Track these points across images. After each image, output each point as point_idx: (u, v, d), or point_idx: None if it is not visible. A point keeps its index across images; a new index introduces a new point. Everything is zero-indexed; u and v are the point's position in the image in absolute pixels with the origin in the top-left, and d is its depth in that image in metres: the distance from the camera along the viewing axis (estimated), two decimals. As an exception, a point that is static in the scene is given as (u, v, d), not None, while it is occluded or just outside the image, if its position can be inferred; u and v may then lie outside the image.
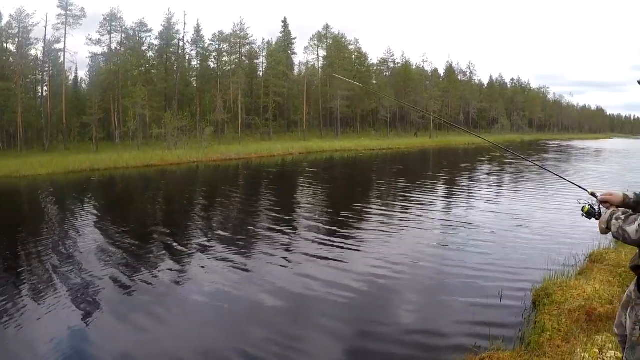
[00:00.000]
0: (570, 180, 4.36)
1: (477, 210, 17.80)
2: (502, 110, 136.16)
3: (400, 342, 6.97)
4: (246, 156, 43.43)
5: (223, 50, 77.53)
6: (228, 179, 29.07)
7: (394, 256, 11.20)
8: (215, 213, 17.04)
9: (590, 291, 7.74)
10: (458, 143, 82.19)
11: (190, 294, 8.94)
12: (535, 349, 5.87)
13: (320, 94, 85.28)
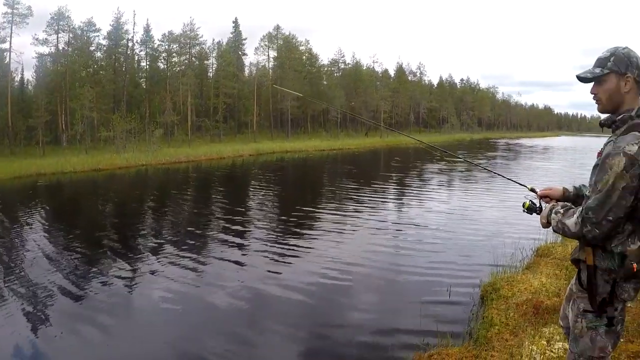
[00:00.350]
0: (509, 177, 4.44)
1: (426, 209, 18.04)
2: (452, 110, 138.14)
3: (352, 343, 7.00)
4: (195, 159, 43.08)
5: (173, 51, 76.55)
6: (177, 183, 28.69)
7: (345, 257, 11.28)
8: (166, 217, 16.91)
9: (537, 285, 7.91)
10: (408, 142, 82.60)
11: (142, 300, 8.83)
12: (484, 344, 5.94)
13: (271, 95, 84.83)
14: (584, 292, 3.00)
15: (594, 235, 2.77)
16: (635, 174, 2.65)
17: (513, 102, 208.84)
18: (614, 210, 2.70)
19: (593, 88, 3.01)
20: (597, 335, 2.96)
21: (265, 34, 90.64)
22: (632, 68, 2.85)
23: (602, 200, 2.72)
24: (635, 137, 2.71)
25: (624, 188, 2.67)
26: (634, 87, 2.88)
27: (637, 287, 2.93)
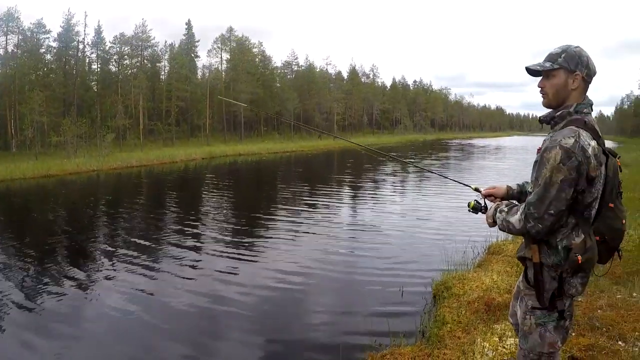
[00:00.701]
0: (452, 178, 4.70)
1: (379, 211, 18.15)
2: (405, 111, 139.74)
3: (306, 345, 7.03)
4: (148, 163, 42.46)
5: (124, 53, 75.49)
6: (130, 188, 28.41)
7: (299, 260, 11.32)
8: (118, 224, 16.60)
9: (489, 282, 7.98)
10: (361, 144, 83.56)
11: (97, 308, 8.62)
12: (436, 342, 5.97)
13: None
14: (532, 289, 3.06)
15: (538, 230, 2.83)
16: (572, 166, 2.71)
17: (466, 103, 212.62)
18: (554, 204, 2.76)
19: (541, 82, 3.08)
20: (546, 332, 3.04)
21: (218, 36, 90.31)
22: (581, 67, 2.92)
23: (542, 194, 2.79)
24: (572, 131, 2.79)
25: (562, 181, 2.73)
26: (581, 85, 2.96)
27: (584, 282, 3.01)
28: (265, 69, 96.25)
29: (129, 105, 70.03)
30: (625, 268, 8.26)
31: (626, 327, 5.74)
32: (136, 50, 76.48)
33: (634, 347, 5.20)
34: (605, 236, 2.93)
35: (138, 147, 61.22)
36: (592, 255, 2.85)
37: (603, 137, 3.04)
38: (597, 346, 5.22)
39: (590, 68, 2.95)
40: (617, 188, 2.97)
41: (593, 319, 6.00)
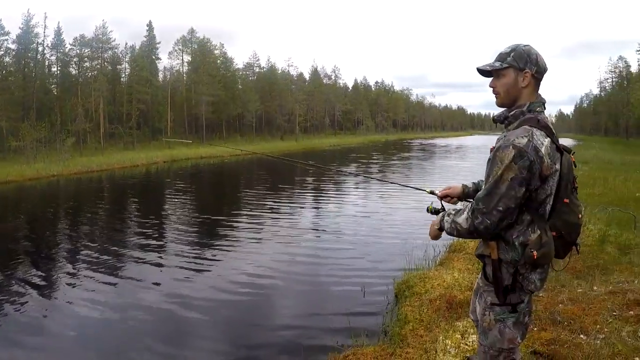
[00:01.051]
0: (406, 184, 4.82)
1: (341, 213, 18.27)
2: (367, 112, 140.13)
3: (268, 348, 7.05)
4: (109, 167, 41.98)
5: (84, 56, 73.93)
6: (90, 193, 27.94)
7: (262, 263, 11.34)
8: (80, 230, 16.22)
9: (450, 280, 7.98)
10: (323, 145, 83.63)
11: (60, 318, 8.42)
12: (399, 341, 5.94)
13: (185, 100, 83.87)
14: (490, 285, 3.05)
15: (486, 225, 2.81)
16: (524, 165, 2.70)
17: (427, 104, 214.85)
18: (503, 200, 2.75)
19: (492, 82, 3.09)
20: (506, 327, 3.02)
21: (180, 38, 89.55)
22: (530, 64, 2.93)
23: (491, 190, 2.78)
24: (526, 131, 2.78)
25: (513, 179, 2.72)
26: (532, 83, 2.97)
27: (543, 278, 3.00)
28: (226, 70, 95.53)
29: (89, 109, 68.72)
30: (586, 262, 8.43)
31: (587, 320, 5.80)
32: (96, 53, 75.05)
33: (595, 340, 5.24)
34: (562, 231, 2.93)
35: (99, 151, 60.27)
36: (548, 251, 2.85)
37: (563, 135, 3.11)
38: (559, 340, 5.26)
39: (540, 65, 2.98)
40: (572, 183, 2.99)
41: (555, 313, 6.04)
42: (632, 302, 6.25)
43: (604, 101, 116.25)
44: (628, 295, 6.47)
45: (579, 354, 4.93)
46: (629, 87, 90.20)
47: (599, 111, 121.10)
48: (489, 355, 3.14)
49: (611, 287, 7.01)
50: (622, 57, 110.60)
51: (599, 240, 9.86)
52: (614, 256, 8.92)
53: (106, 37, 75.71)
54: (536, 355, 5.04)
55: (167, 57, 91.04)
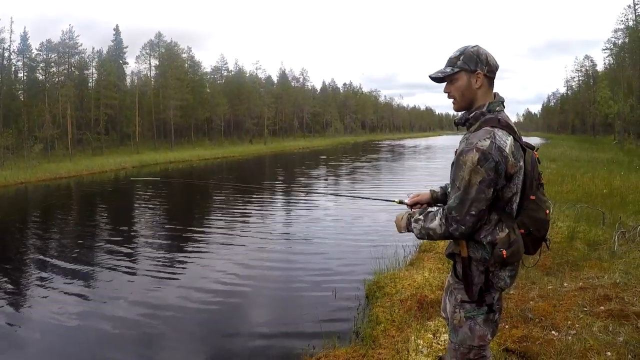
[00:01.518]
0: (375, 197, 4.93)
1: (311, 216, 18.26)
2: (336, 114, 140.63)
3: (241, 353, 6.99)
4: (77, 174, 41.37)
5: (51, 61, 72.71)
6: (60, 200, 27.54)
7: (233, 267, 11.29)
8: (50, 238, 15.98)
9: (421, 280, 7.98)
10: (292, 148, 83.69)
11: (32, 327, 8.23)
12: (370, 342, 5.94)
13: (153, 105, 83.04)
14: (461, 283, 3.05)
15: (461, 232, 2.82)
16: (490, 167, 2.70)
17: (395, 105, 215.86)
18: (475, 205, 2.75)
19: (446, 87, 3.08)
20: (476, 325, 3.02)
21: (147, 42, 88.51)
22: (481, 65, 2.93)
23: (462, 197, 2.77)
24: (487, 132, 2.78)
25: (481, 182, 2.72)
26: (485, 82, 2.96)
27: (513, 275, 3.01)
28: (194, 74, 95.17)
29: (57, 115, 67.85)
30: (556, 259, 8.50)
31: (558, 316, 5.84)
32: (63, 58, 73.94)
33: (567, 336, 5.27)
34: (530, 228, 2.93)
35: (67, 157, 59.02)
36: (517, 249, 2.85)
37: (531, 134, 3.16)
38: (530, 337, 5.29)
39: (491, 64, 2.97)
40: (537, 180, 2.99)
41: (526, 310, 6.08)
42: (602, 298, 6.31)
43: (570, 100, 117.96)
44: (598, 291, 6.53)
45: (551, 350, 4.97)
46: (595, 85, 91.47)
47: (566, 110, 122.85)
48: (459, 352, 3.15)
49: (581, 283, 7.08)
50: (588, 56, 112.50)
51: (568, 237, 9.96)
52: (583, 252, 9.02)
53: (73, 41, 74.87)
54: (508, 353, 5.06)
55: (135, 62, 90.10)
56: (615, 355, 4.79)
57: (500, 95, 3.07)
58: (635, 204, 13.65)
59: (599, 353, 4.87)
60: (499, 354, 5.01)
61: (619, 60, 76.39)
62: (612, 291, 6.52)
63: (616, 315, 5.75)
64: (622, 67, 74.41)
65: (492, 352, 4.71)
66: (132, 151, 69.98)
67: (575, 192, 16.30)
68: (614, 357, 4.76)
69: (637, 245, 8.99)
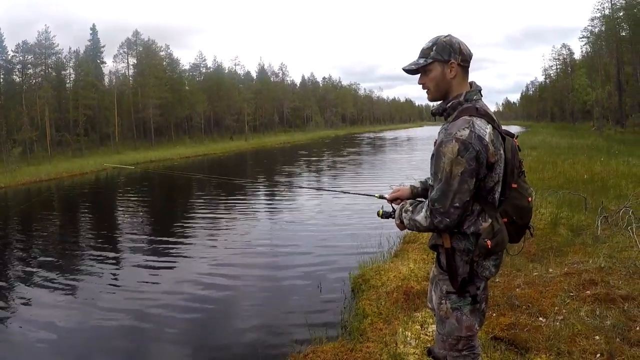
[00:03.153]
0: (355, 192, 4.91)
1: (295, 210, 18.36)
2: (316, 108, 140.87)
3: (227, 355, 6.95)
4: (57, 176, 40.74)
5: (28, 62, 71.89)
6: (40, 204, 26.53)
7: (218, 265, 11.22)
8: (31, 243, 15.57)
9: (406, 271, 7.96)
10: (273, 143, 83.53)
11: (15, 335, 8.05)
12: (358, 336, 5.90)
13: (132, 104, 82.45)
14: (445, 274, 3.03)
15: (446, 224, 2.80)
16: (471, 156, 2.67)
17: (375, 97, 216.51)
18: (458, 196, 2.72)
19: (420, 79, 3.05)
20: (463, 315, 3.01)
21: (124, 41, 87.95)
22: (454, 54, 2.90)
23: (444, 188, 2.74)
24: (465, 122, 2.75)
25: (463, 173, 2.69)
26: (459, 72, 2.94)
27: (497, 264, 3.00)
28: (173, 72, 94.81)
29: (35, 117, 67.21)
30: (540, 245, 8.54)
31: (545, 302, 5.85)
32: (40, 59, 73.11)
33: (554, 322, 5.28)
34: (513, 216, 2.94)
35: (47, 159, 58.65)
36: (501, 238, 2.85)
37: (511, 122, 3.12)
38: (518, 324, 5.31)
39: (464, 53, 2.94)
40: (518, 168, 2.99)
41: (512, 298, 6.09)
42: (587, 282, 6.34)
43: (549, 88, 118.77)
44: (583, 276, 6.56)
45: (540, 337, 4.99)
46: (572, 73, 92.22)
47: (545, 98, 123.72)
48: (448, 343, 3.14)
49: (566, 269, 7.11)
50: (565, 44, 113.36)
51: (552, 223, 10.00)
52: (567, 238, 9.07)
53: (49, 42, 74.16)
54: (497, 341, 5.06)
55: (112, 61, 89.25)
56: (603, 339, 4.80)
57: (478, 84, 3.06)
58: (616, 189, 13.74)
59: (587, 337, 4.88)
60: (487, 342, 5.01)
61: (596, 48, 77.33)
62: (598, 275, 6.54)
63: (602, 299, 5.77)
64: (599, 55, 75.34)
65: (480, 340, 4.71)
66: (113, 152, 69.49)
67: (557, 178, 16.37)
68: (602, 340, 4.78)
69: (620, 229, 9.02)
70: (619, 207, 10.08)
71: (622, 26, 66.53)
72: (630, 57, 67.48)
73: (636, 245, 7.80)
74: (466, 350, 3.17)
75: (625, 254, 7.58)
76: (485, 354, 4.76)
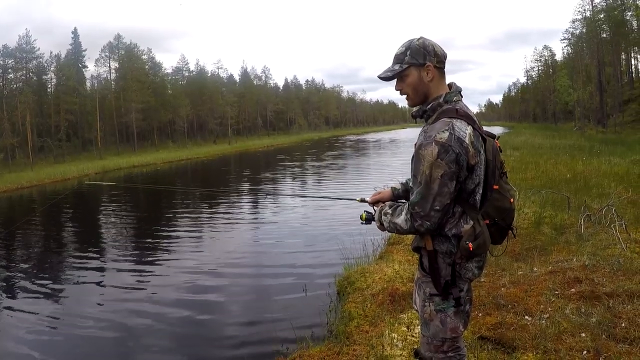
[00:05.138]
0: (336, 197, 5.02)
1: (278, 213, 18.49)
2: (299, 111, 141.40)
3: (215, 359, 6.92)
4: (39, 183, 40.42)
5: (8, 67, 70.86)
6: (22, 211, 26.95)
7: (202, 269, 11.24)
8: (14, 252, 15.36)
9: (391, 273, 7.97)
10: (257, 146, 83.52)
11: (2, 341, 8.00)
12: (344, 339, 5.89)
13: (114, 108, 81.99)
14: (428, 276, 3.02)
15: (426, 227, 2.79)
16: (451, 159, 2.66)
17: (358, 100, 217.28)
18: (438, 199, 2.72)
19: (397, 85, 3.04)
20: (447, 317, 3.01)
21: (106, 44, 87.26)
22: (429, 56, 2.88)
23: (424, 192, 2.74)
24: (445, 124, 2.73)
25: (443, 175, 2.68)
26: (436, 73, 2.92)
27: (480, 265, 3.00)
28: (155, 76, 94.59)
29: (16, 122, 66.35)
30: (524, 245, 8.61)
31: (530, 301, 5.88)
32: (20, 63, 72.59)
33: (540, 320, 5.30)
34: (495, 218, 2.92)
35: (28, 166, 58.15)
36: (483, 241, 2.82)
37: (494, 123, 3.10)
38: (504, 323, 5.32)
39: (439, 54, 2.93)
40: (499, 169, 2.98)
41: (498, 297, 6.11)
42: (572, 280, 6.38)
43: (531, 89, 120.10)
44: (568, 274, 6.60)
45: (526, 335, 5.00)
46: (554, 75, 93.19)
47: (527, 99, 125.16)
48: (433, 345, 3.14)
49: (551, 267, 7.15)
50: (547, 46, 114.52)
51: (535, 223, 10.06)
52: (550, 237, 9.12)
53: (30, 46, 73.62)
54: (483, 340, 5.08)
55: (94, 65, 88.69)
56: (589, 336, 4.83)
57: (458, 85, 3.04)
58: (599, 187, 13.84)
59: (573, 335, 4.91)
60: (474, 342, 5.02)
61: (577, 50, 78.18)
62: (582, 273, 6.58)
63: (587, 296, 5.80)
64: (580, 56, 76.17)
65: (467, 340, 4.83)
66: (95, 157, 69.12)
67: (540, 178, 16.47)
68: (588, 337, 4.80)
69: (603, 227, 9.08)
70: (602, 206, 10.14)
71: (602, 28, 67.43)
72: (610, 58, 68.48)
73: (619, 243, 7.86)
74: (452, 352, 3.17)
75: (608, 252, 7.64)
76: (472, 353, 4.76)
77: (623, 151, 26.36)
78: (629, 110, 61.47)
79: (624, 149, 27.91)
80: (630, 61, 76.50)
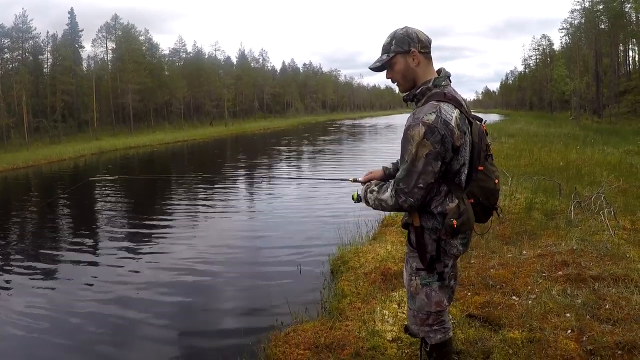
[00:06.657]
0: (327, 178, 5.08)
1: (273, 195, 18.51)
2: (296, 94, 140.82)
3: (209, 336, 6.92)
4: (35, 163, 39.99)
5: (4, 46, 70.70)
6: (18, 192, 26.67)
7: (198, 252, 11.10)
8: (7, 234, 15.08)
9: (384, 253, 8.10)
10: (253, 129, 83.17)
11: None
12: (337, 315, 6.01)
13: (111, 89, 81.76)
14: (415, 251, 3.17)
15: (410, 204, 2.92)
16: (436, 140, 2.79)
17: (356, 84, 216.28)
18: (422, 177, 2.84)
19: (387, 73, 3.19)
20: (432, 291, 3.16)
21: (103, 25, 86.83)
22: (413, 43, 3.02)
23: (409, 169, 2.87)
24: (433, 107, 2.87)
25: (428, 155, 2.81)
26: (422, 59, 3.06)
27: (465, 242, 3.15)
28: (152, 57, 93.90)
29: (12, 103, 66.07)
30: (514, 229, 8.76)
31: (518, 282, 6.03)
32: (16, 43, 72.09)
33: (527, 300, 5.46)
34: (479, 197, 3.06)
35: (24, 146, 58.14)
36: (467, 218, 2.95)
37: (490, 111, 3.28)
38: (492, 303, 5.46)
39: (423, 40, 3.07)
40: (485, 151, 3.11)
41: (486, 278, 6.23)
42: (559, 263, 6.53)
43: (528, 78, 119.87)
44: (556, 257, 6.75)
45: (513, 314, 5.15)
46: (552, 64, 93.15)
47: (524, 87, 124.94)
48: (418, 318, 3.32)
49: (539, 251, 7.30)
50: (545, 35, 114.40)
51: (526, 208, 10.22)
52: (540, 222, 9.24)
53: (26, 26, 73.02)
54: (471, 318, 5.22)
55: (91, 45, 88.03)
56: (574, 316, 4.98)
57: (447, 70, 3.18)
58: (591, 176, 13.99)
59: (558, 315, 5.06)
60: (462, 320, 5.16)
61: (575, 40, 78.05)
62: (569, 257, 6.74)
63: (574, 279, 5.96)
64: (578, 46, 76.06)
65: (455, 318, 5.03)
66: (91, 138, 68.70)
67: (533, 165, 16.66)
68: (573, 317, 4.95)
69: (592, 213, 9.24)
70: (592, 193, 10.27)
71: (601, 19, 67.37)
72: (608, 49, 68.54)
73: (607, 229, 8.02)
74: (437, 325, 3.34)
75: (596, 237, 7.81)
76: (460, 330, 4.91)
77: (617, 141, 26.55)
78: (625, 102, 61.64)
79: (618, 139, 28.14)
80: (627, 53, 76.82)
